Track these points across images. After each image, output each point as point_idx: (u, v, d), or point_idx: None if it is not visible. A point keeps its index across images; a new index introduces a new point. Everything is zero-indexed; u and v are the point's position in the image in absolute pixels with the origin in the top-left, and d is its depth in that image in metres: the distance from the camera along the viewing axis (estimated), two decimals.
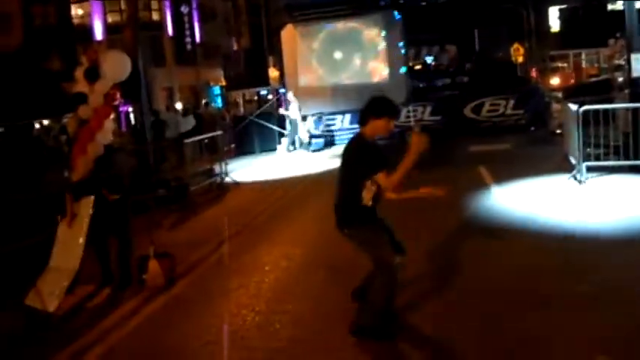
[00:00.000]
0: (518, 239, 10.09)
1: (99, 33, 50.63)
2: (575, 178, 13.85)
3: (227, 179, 18.72)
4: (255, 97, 45.32)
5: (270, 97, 35.42)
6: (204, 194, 17.31)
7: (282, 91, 29.24)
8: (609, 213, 11.08)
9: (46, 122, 38.65)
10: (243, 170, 21.19)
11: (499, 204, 12.74)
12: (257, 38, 35.45)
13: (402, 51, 28.88)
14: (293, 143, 26.37)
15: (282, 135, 27.18)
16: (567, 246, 9.44)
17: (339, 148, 20.70)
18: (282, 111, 27.23)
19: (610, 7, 34.20)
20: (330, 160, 21.63)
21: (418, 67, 38.52)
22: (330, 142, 26.66)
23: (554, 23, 40.61)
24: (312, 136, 26.51)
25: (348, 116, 26.28)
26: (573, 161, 14.45)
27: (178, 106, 46.72)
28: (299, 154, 25.36)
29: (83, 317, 8.40)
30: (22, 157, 21.94)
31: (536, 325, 6.63)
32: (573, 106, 14.54)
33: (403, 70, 28.67)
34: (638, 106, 14.01)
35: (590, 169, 13.87)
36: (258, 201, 15.77)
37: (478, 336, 6.59)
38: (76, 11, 52.71)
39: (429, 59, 39.29)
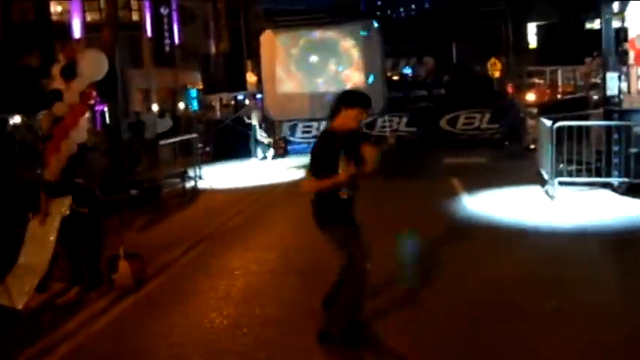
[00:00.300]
0: (489, 249, 10.19)
1: (77, 31, 50.34)
2: (547, 193, 13.97)
3: (200, 183, 18.69)
4: (232, 102, 45.28)
5: (247, 102, 35.40)
6: (177, 197, 17.27)
7: (258, 96, 29.22)
8: (579, 227, 11.23)
9: (20, 119, 38.42)
10: (217, 174, 21.14)
11: (471, 215, 12.86)
12: (236, 42, 35.46)
13: (380, 61, 28.94)
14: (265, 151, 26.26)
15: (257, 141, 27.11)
16: (538, 257, 9.56)
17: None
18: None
19: (588, 25, 34.49)
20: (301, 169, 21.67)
21: (396, 77, 38.62)
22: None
23: (532, 39, 40.87)
24: (287, 143, 26.58)
25: (324, 124, 26.25)
26: (546, 176, 14.58)
27: (155, 107, 46.69)
28: (274, 161, 25.29)
29: (51, 315, 8.34)
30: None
31: (510, 335, 6.70)
32: (547, 122, 14.68)
33: (380, 80, 28.73)
34: (611, 124, 14.16)
35: (562, 185, 13.99)
36: (230, 205, 15.75)
37: (450, 345, 6.63)
38: (55, 8, 52.46)
39: (407, 70, 39.43)
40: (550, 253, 9.83)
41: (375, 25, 28.50)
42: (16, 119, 38.33)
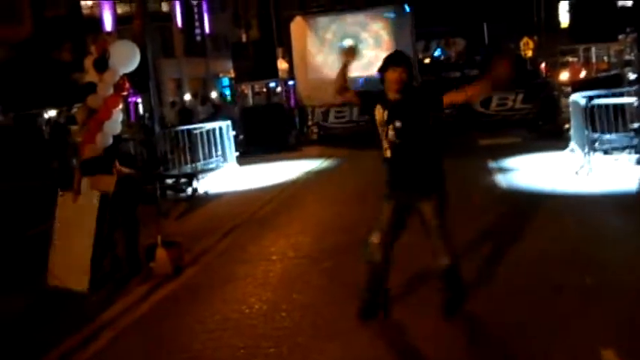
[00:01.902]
0: (524, 224, 10.23)
1: (108, 24, 50.63)
2: (583, 171, 13.88)
3: (234, 171, 18.80)
4: (264, 89, 45.32)
5: (279, 89, 35.42)
6: (212, 184, 17.33)
7: (290, 83, 29.24)
8: (614, 206, 11.18)
9: (54, 113, 38.84)
10: (251, 164, 21.15)
11: (507, 192, 12.92)
12: (266, 30, 35.44)
13: (411, 44, 28.83)
14: None
15: (292, 129, 26.94)
16: (575, 234, 9.54)
17: None
18: None
19: (620, 3, 34.10)
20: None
21: (427, 60, 38.44)
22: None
23: (564, 17, 40.48)
24: (321, 128, 26.58)
25: (356, 108, 26.18)
26: (581, 154, 14.49)
27: (187, 96, 46.99)
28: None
29: (92, 303, 8.44)
30: (30, 145, 22.05)
31: (540, 313, 6.70)
32: (581, 100, 14.58)
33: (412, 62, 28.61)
34: None
35: (597, 163, 13.92)
36: (264, 192, 15.79)
37: (482, 322, 6.66)
38: (86, 2, 52.77)
39: (439, 52, 39.18)
40: (583, 227, 9.82)
41: (406, 7, 28.43)
42: (51, 113, 38.73)
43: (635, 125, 14.48)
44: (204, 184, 16.51)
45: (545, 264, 8.26)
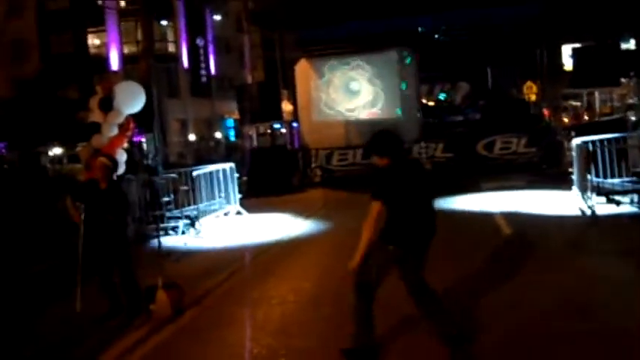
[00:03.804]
0: (519, 273, 10.12)
1: (115, 63, 51.03)
2: (585, 214, 13.88)
3: (237, 212, 18.77)
4: (269, 131, 45.56)
5: (283, 130, 35.49)
6: (215, 227, 17.24)
7: (294, 125, 29.32)
8: (619, 252, 11.08)
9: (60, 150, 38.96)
10: (255, 206, 21.07)
11: (508, 241, 12.81)
12: (271, 72, 35.74)
13: (415, 88, 29.04)
14: None
15: (296, 171, 26.80)
16: (572, 284, 9.45)
17: None
18: None
19: (624, 46, 34.24)
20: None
21: (431, 103, 38.62)
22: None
23: (567, 61, 40.66)
24: (324, 171, 26.61)
25: (359, 151, 26.26)
26: (583, 199, 14.50)
27: (192, 137, 47.16)
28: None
29: (90, 345, 8.38)
30: (34, 183, 22.06)
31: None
32: (584, 144, 14.62)
33: (415, 107, 28.77)
34: None
35: (600, 207, 13.94)
36: (267, 236, 15.69)
37: None
38: (93, 41, 53.26)
39: (442, 96, 39.38)
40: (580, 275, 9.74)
41: (410, 53, 28.67)
42: (56, 151, 38.87)
43: (638, 169, 14.53)
44: (207, 226, 16.42)
45: (532, 313, 8.17)
